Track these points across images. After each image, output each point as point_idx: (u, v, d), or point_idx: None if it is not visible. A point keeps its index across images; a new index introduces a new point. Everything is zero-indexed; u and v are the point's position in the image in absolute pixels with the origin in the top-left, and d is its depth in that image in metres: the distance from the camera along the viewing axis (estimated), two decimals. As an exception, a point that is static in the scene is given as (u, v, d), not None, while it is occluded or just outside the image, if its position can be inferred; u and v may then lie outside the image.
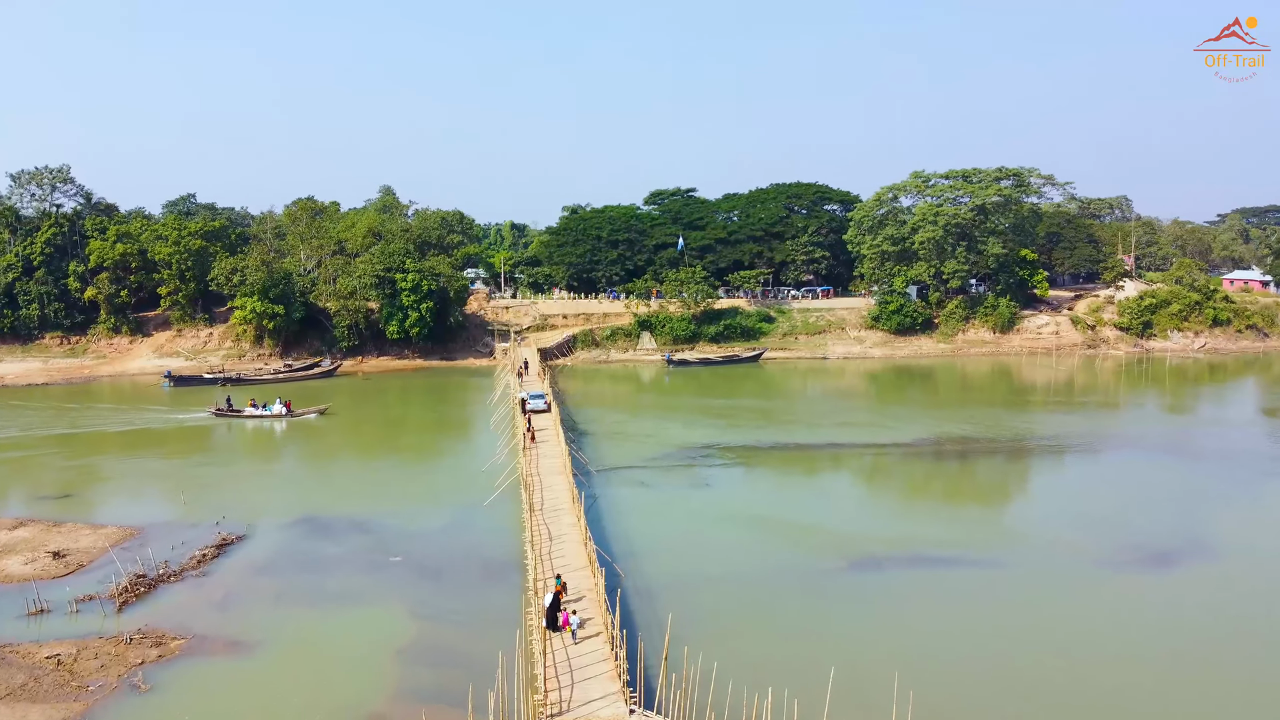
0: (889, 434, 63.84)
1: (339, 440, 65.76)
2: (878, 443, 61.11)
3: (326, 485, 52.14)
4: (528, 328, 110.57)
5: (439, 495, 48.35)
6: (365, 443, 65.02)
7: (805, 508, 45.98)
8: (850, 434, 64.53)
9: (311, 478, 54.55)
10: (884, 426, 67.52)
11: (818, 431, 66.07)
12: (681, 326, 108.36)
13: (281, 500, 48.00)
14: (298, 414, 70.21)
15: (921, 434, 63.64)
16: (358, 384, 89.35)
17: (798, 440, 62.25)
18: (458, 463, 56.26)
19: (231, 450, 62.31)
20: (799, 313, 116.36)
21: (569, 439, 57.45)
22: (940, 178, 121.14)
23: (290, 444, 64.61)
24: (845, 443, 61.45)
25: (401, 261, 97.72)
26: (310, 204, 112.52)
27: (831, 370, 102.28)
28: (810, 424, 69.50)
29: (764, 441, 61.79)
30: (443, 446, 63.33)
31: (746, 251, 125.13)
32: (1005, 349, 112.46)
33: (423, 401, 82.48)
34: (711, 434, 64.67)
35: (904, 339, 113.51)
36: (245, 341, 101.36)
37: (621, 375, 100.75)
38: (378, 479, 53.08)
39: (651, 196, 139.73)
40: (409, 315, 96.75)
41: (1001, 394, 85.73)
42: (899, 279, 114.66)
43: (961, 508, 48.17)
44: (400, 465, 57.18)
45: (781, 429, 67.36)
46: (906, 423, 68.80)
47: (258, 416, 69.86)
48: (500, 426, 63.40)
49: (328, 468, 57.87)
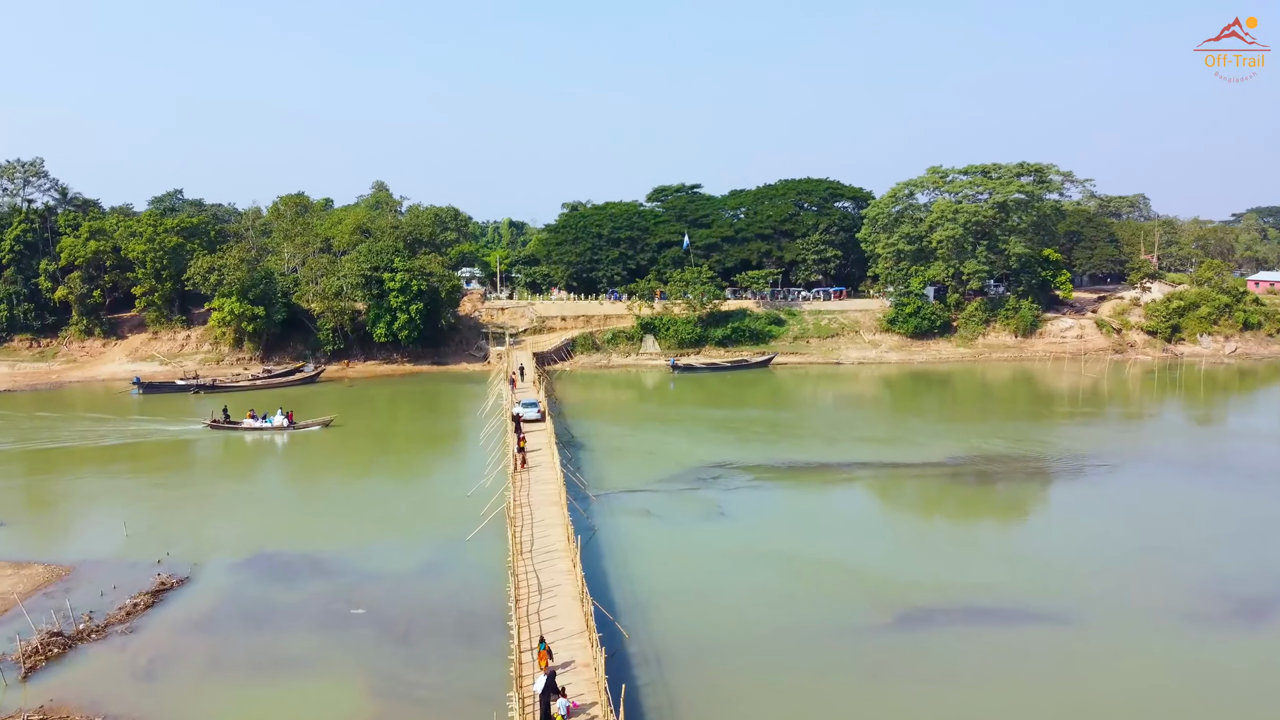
0: (915, 451, 58.17)
1: (314, 457, 60.12)
2: (904, 462, 55.42)
3: (292, 512, 46.45)
4: (524, 330, 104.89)
5: (416, 526, 42.69)
6: (341, 461, 59.37)
7: (834, 543, 40.24)
8: (873, 451, 58.83)
9: (277, 502, 48.79)
10: (909, 442, 61.85)
11: (837, 447, 60.41)
12: (687, 329, 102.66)
13: (238, 531, 42.36)
14: (300, 426, 64.40)
15: (951, 451, 57.96)
16: (341, 392, 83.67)
17: (816, 458, 56.54)
18: (441, 486, 50.55)
19: (205, 468, 56.63)
20: (810, 315, 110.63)
21: (564, 457, 51.91)
22: (958, 173, 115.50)
23: (266, 461, 58.98)
24: (868, 461, 55.70)
25: (390, 260, 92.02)
26: (297, 200, 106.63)
27: (846, 376, 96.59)
28: (828, 438, 63.87)
29: (779, 460, 56.09)
30: (426, 465, 57.60)
31: (754, 250, 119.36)
32: (1028, 354, 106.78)
33: (409, 412, 76.77)
34: (721, 450, 59.04)
35: (921, 343, 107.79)
36: (224, 345, 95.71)
37: (623, 381, 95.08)
38: (350, 504, 47.39)
39: (655, 193, 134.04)
40: (397, 317, 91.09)
41: (1031, 404, 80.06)
42: (916, 279, 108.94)
43: (1011, 542, 42.49)
44: (377, 488, 51.49)
45: (797, 444, 61.71)
46: (932, 437, 63.16)
47: (257, 429, 64.09)
48: (490, 442, 57.82)
49: (297, 490, 52.21)
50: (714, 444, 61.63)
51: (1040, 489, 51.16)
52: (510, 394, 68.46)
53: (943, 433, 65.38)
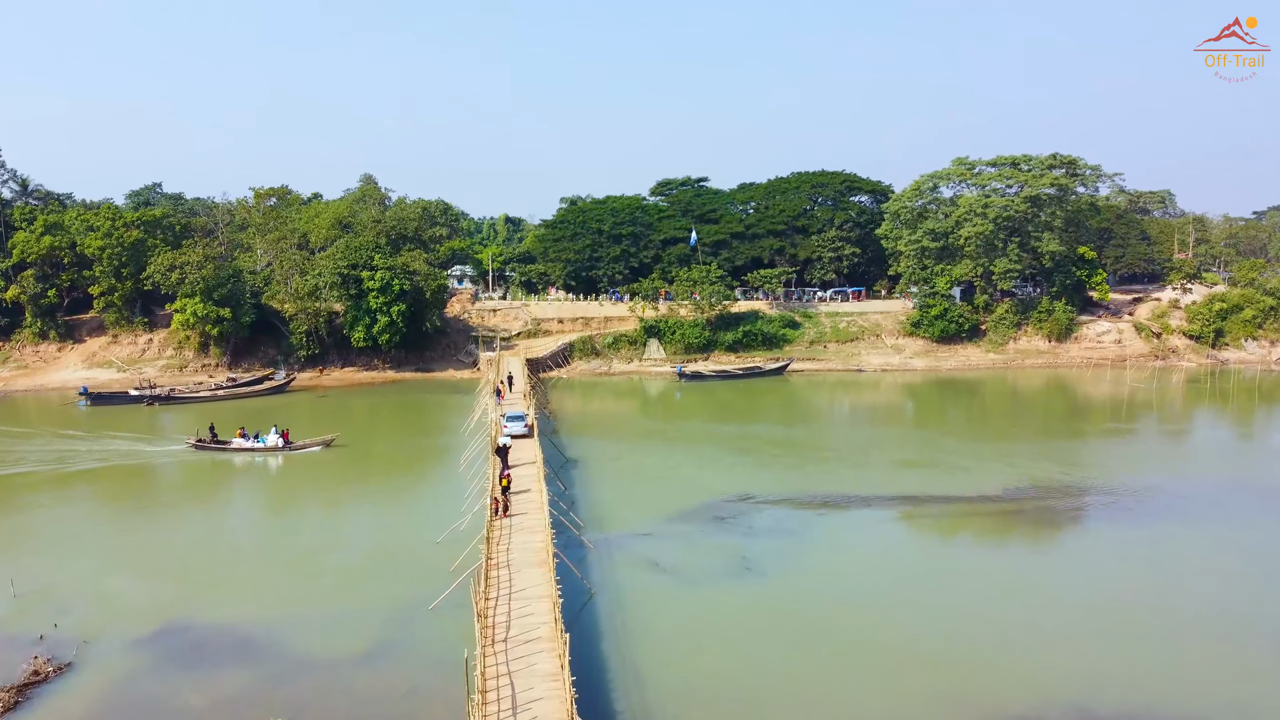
0: (961, 479, 50.01)
1: (274, 487, 52.04)
2: (953, 494, 47.21)
3: (224, 563, 38.20)
4: (517, 334, 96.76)
5: (371, 586, 34.56)
6: (299, 492, 51.21)
7: (896, 615, 31.90)
8: (913, 479, 50.66)
9: (209, 549, 40.47)
10: (951, 466, 53.70)
11: (871, 475, 52.27)
12: (694, 333, 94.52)
13: (152, 591, 34.25)
14: (297, 447, 56.21)
15: (1001, 479, 49.79)
16: (313, 403, 75.53)
17: (849, 490, 48.30)
18: (408, 527, 42.38)
19: (155, 501, 48.01)
20: (827, 317, 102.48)
21: (556, 487, 43.89)
22: (986, 165, 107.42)
23: (224, 492, 50.41)
24: (911, 494, 47.44)
25: (369, 257, 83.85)
26: (272, 192, 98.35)
27: (868, 385, 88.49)
28: (858, 462, 55.75)
29: (807, 491, 47.86)
30: (394, 498, 49.33)
31: (766, 247, 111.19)
32: (1063, 360, 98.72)
33: (385, 428, 68.49)
34: (738, 477, 50.97)
35: (948, 348, 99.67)
36: (188, 350, 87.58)
37: (625, 390, 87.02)
38: (296, 552, 39.26)
39: (658, 187, 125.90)
40: (377, 320, 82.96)
41: (1077, 418, 71.90)
42: (942, 279, 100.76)
43: (1117, 613, 33.99)
44: (333, 529, 43.30)
45: (824, 470, 53.55)
46: (975, 460, 55.05)
47: (248, 450, 55.89)
48: (471, 467, 49.70)
49: (238, 531, 43.94)
50: (728, 469, 53.56)
51: (1128, 534, 42.77)
52: (496, 407, 60.42)
53: (985, 454, 57.31)
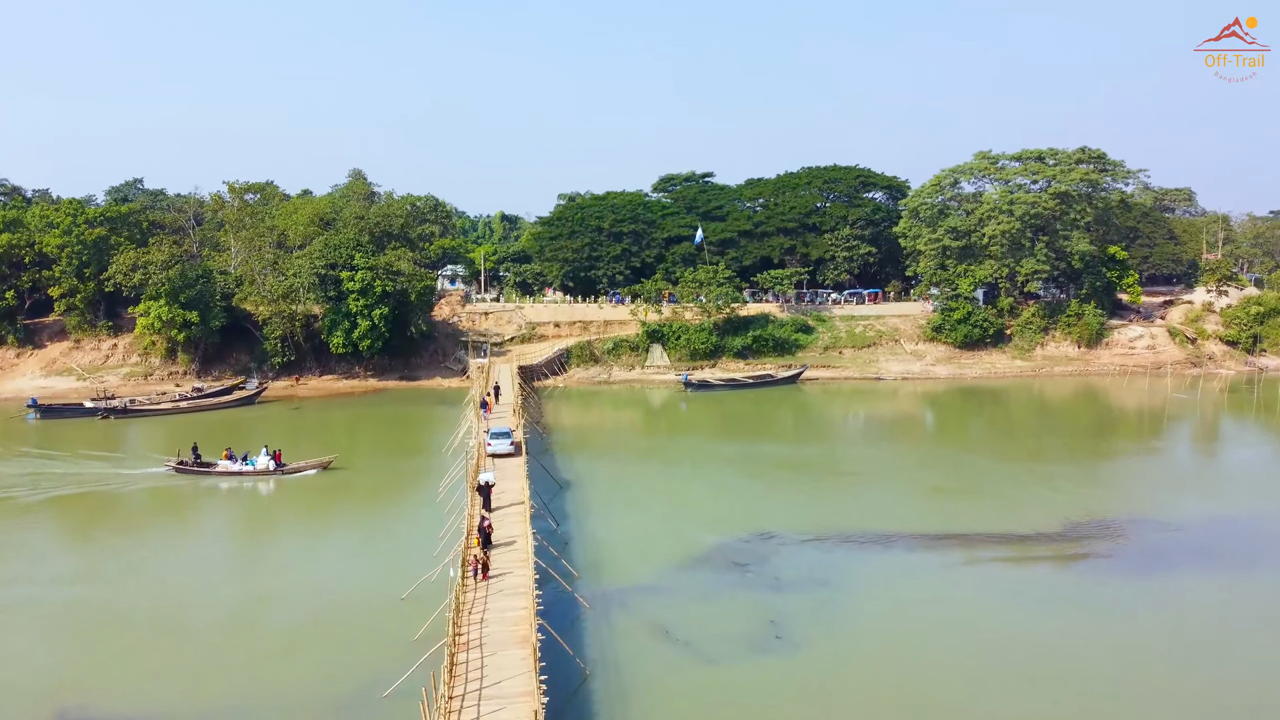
0: (1013, 511, 43.51)
1: (228, 521, 45.54)
2: (1009, 531, 40.68)
3: (150, 624, 31.68)
4: (510, 338, 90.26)
5: (314, 657, 28.08)
6: (258, 526, 44.79)
7: (984, 706, 25.41)
8: (956, 510, 44.19)
9: (138, 603, 33.99)
10: (996, 495, 47.25)
11: (906, 503, 45.83)
12: (700, 338, 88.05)
13: (54, 666, 27.86)
14: (291, 470, 49.64)
15: (1063, 511, 43.31)
16: (284, 416, 69.03)
17: (884, 525, 41.67)
18: (371, 574, 35.82)
19: (103, 544, 41.29)
20: (842, 321, 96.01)
21: (545, 525, 37.53)
22: (1009, 159, 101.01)
23: (181, 530, 43.61)
24: (959, 531, 40.88)
25: (349, 256, 77.39)
26: (250, 187, 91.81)
27: (888, 394, 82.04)
28: (889, 488, 49.32)
29: (835, 526, 41.27)
30: (362, 534, 42.61)
31: (776, 246, 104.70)
32: (1094, 367, 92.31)
33: (363, 445, 61.75)
34: (753, 507, 44.61)
35: (972, 354, 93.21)
36: (154, 356, 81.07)
37: (626, 400, 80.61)
38: (235, 608, 32.71)
39: (661, 182, 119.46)
40: (358, 324, 76.47)
41: (1129, 435, 65.54)
42: (965, 281, 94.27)
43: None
44: (284, 576, 36.68)
45: (852, 498, 47.08)
46: (1024, 486, 48.71)
47: (235, 474, 49.27)
48: (450, 497, 43.23)
49: (177, 578, 37.30)
50: (743, 496, 47.16)
51: (1229, 585, 36.30)
52: (481, 422, 54.07)
53: (1028, 478, 50.98)
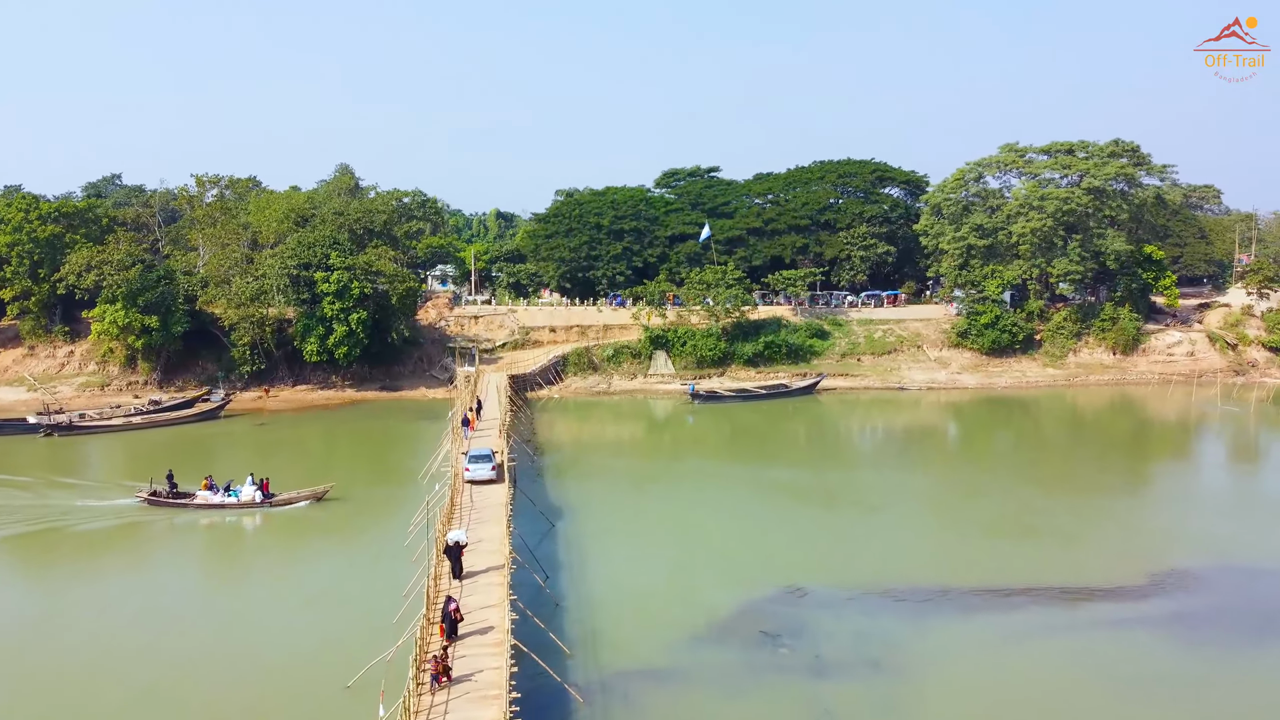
0: (1086, 557, 36.83)
1: (170, 574, 38.82)
2: (1088, 585, 33.72)
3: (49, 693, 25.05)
4: (502, 344, 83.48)
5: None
6: (200, 576, 38.07)
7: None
8: (1018, 556, 37.43)
9: (25, 687, 27.35)
10: (1059, 533, 40.54)
11: (957, 546, 39.05)
12: (707, 344, 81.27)
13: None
14: (281, 501, 43.00)
15: (1141, 557, 36.70)
16: (248, 432, 62.24)
17: (938, 575, 34.87)
18: (315, 649, 29.07)
19: (30, 589, 35.11)
20: (859, 325, 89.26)
21: (531, 580, 31.02)
22: (1037, 152, 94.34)
23: (126, 580, 37.24)
24: (1028, 584, 33.90)
25: (324, 255, 70.67)
26: (217, 179, 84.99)
27: (914, 406, 75.33)
28: (934, 527, 42.58)
29: (879, 578, 34.44)
30: (314, 589, 35.35)
31: (787, 245, 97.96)
32: (1131, 375, 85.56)
33: (333, 468, 54.64)
34: (778, 551, 37.95)
35: (1000, 361, 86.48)
36: (113, 365, 74.38)
37: (627, 412, 73.97)
38: (139, 697, 26.07)
39: (664, 177, 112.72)
40: (334, 329, 69.69)
41: (1195, 456, 58.98)
42: (993, 282, 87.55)
43: None
44: (213, 649, 29.97)
45: (892, 539, 40.18)
46: (1088, 523, 42.05)
47: (216, 507, 42.54)
48: (422, 536, 36.42)
49: (75, 660, 30.64)
50: (762, 535, 40.45)
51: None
52: (463, 441, 47.55)
53: (1091, 513, 44.30)
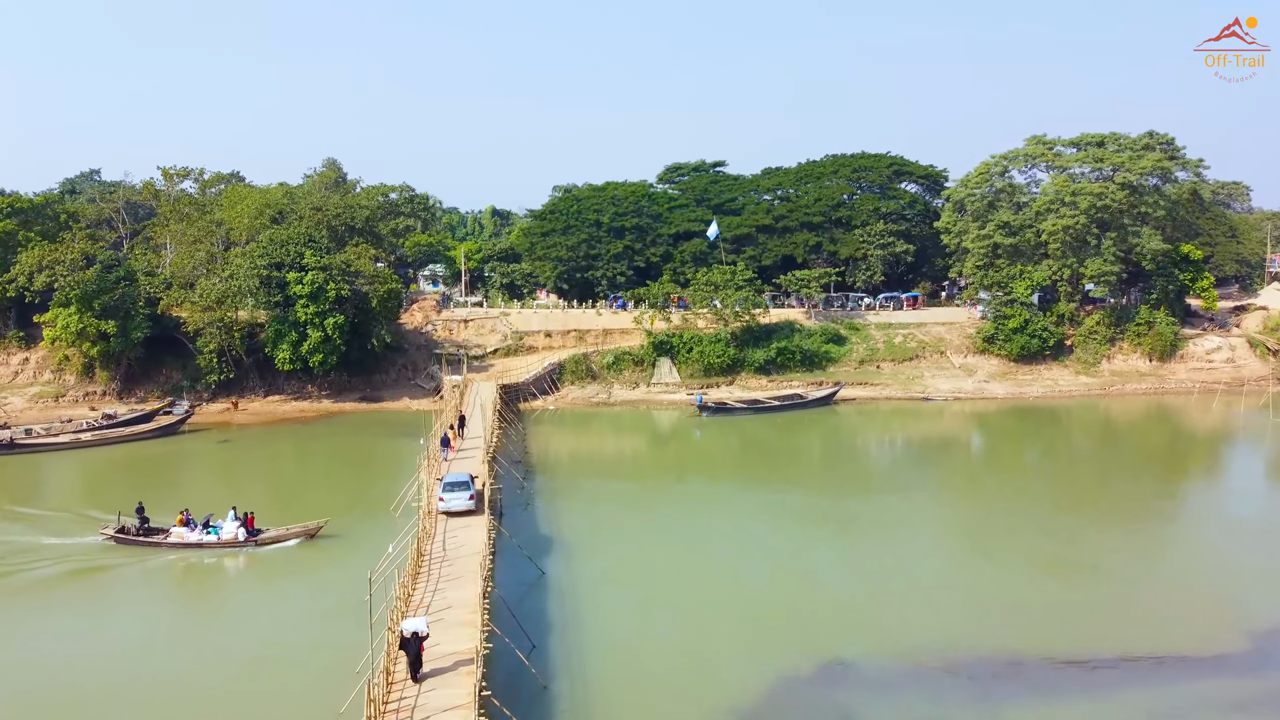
0: (1171, 617, 30.73)
1: (117, 637, 32.83)
2: (1180, 654, 27.77)
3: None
4: (494, 351, 77.45)
5: None
6: (130, 636, 32.10)
7: None
8: (1090, 616, 31.09)
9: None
10: (1137, 588, 34.49)
11: (1020, 602, 32.80)
12: (715, 350, 75.24)
13: None
14: (267, 540, 36.70)
15: (1241, 614, 30.64)
16: (208, 452, 56.16)
17: (1005, 641, 28.89)
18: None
19: None
20: (878, 329, 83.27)
21: (510, 650, 25.14)
22: (1066, 145, 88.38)
23: (66, 625, 31.43)
24: (1107, 655, 27.83)
25: (298, 254, 64.69)
26: (183, 173, 78.81)
27: (940, 418, 69.33)
28: (988, 571, 36.28)
29: (934, 643, 28.46)
30: (254, 653, 29.85)
31: (799, 243, 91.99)
32: (1170, 384, 79.51)
33: (296, 496, 48.29)
34: (810, 607, 31.85)
35: (1029, 368, 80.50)
36: (70, 373, 68.45)
37: (629, 424, 68.07)
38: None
39: (667, 172, 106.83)
40: (308, 335, 63.73)
41: (1254, 475, 53.07)
42: (1022, 284, 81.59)
43: None
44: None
45: (944, 589, 34.05)
46: (1169, 570, 36.12)
47: (193, 546, 36.38)
48: (388, 587, 30.38)
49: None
50: (790, 585, 34.23)
51: None
52: (439, 465, 41.71)
53: (1163, 552, 38.60)
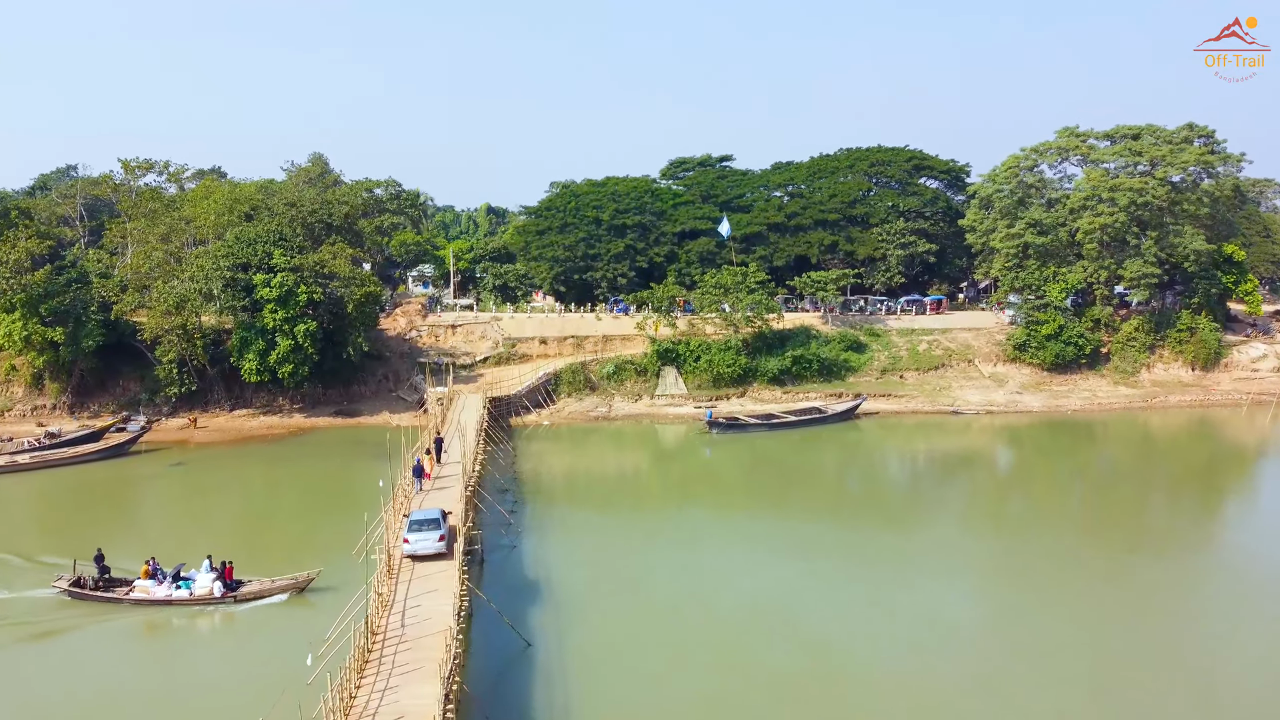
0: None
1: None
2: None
3: None
4: (484, 359, 71.22)
5: None
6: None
7: None
8: (1209, 699, 25.58)
9: None
10: (1227, 644, 28.68)
11: (1111, 680, 27.02)
12: (726, 360, 69.05)
13: None
14: (251, 594, 30.86)
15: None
16: (160, 477, 49.86)
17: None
18: None
19: None
20: (900, 336, 77.11)
21: None
22: (1100, 137, 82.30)
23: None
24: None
25: (266, 254, 58.51)
26: (151, 164, 72.49)
27: (971, 433, 63.24)
28: (1073, 638, 30.35)
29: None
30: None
31: (813, 242, 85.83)
32: (1214, 395, 73.46)
33: (257, 535, 42.56)
34: (853, 698, 25.92)
35: (1064, 378, 74.37)
36: (17, 386, 62.22)
37: (631, 441, 61.98)
38: None
39: (671, 167, 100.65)
40: (276, 344, 57.58)
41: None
42: (1055, 286, 75.55)
43: None
44: None
45: (1015, 657, 28.20)
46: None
47: (162, 603, 30.59)
48: (336, 662, 24.27)
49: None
50: (827, 660, 28.32)
51: None
52: (411, 496, 35.81)
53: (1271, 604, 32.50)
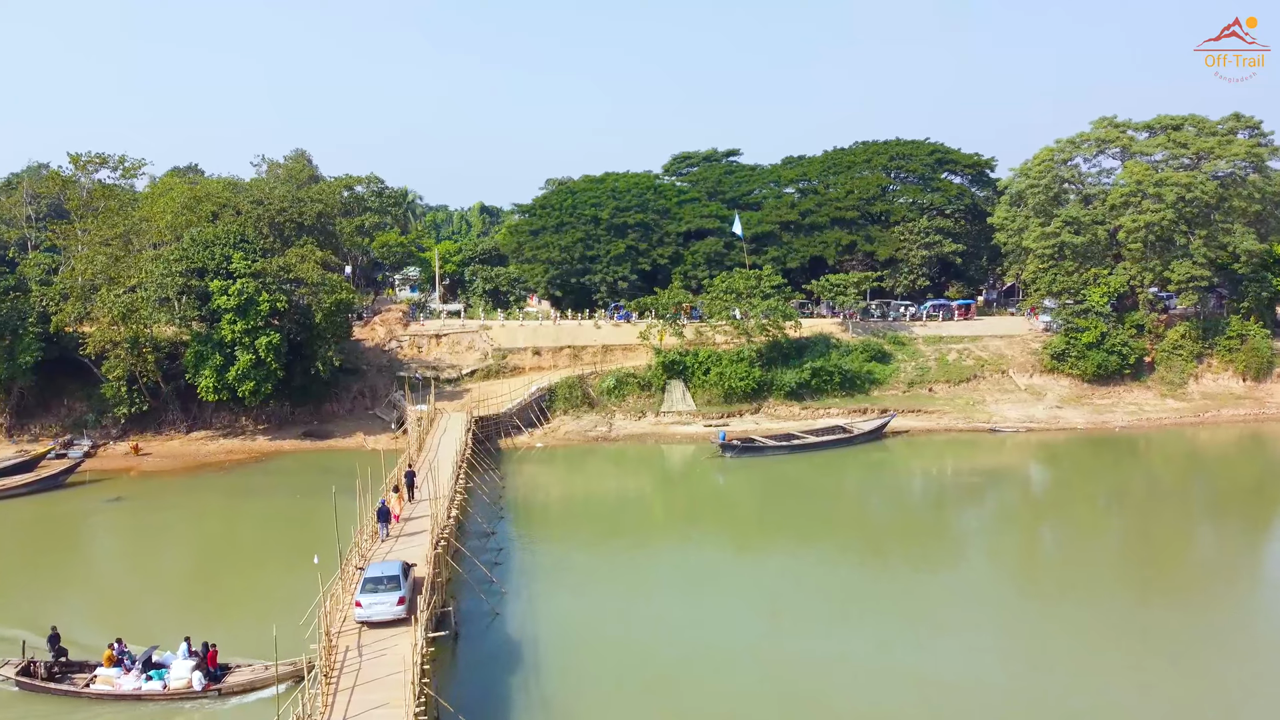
0: None
1: None
2: None
3: None
4: (471, 372, 64.85)
5: None
6: None
7: None
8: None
9: None
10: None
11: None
12: (738, 372, 62.72)
13: None
14: (232, 685, 24.68)
15: None
16: (93, 515, 43.59)
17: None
18: None
19: None
20: (926, 344, 70.82)
21: None
22: (1139, 129, 76.11)
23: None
24: None
25: (224, 257, 52.17)
26: (100, 159, 65.82)
27: (1011, 453, 57.00)
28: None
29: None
30: None
31: (830, 242, 79.53)
32: (1270, 409, 67.27)
33: (188, 596, 36.30)
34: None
35: (1107, 390, 68.13)
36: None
37: (633, 465, 55.72)
38: None
39: (675, 162, 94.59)
40: (236, 358, 51.24)
41: None
42: (1096, 290, 69.33)
43: None
44: None
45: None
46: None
47: (130, 697, 24.33)
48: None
49: None
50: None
51: None
52: (379, 543, 29.93)
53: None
